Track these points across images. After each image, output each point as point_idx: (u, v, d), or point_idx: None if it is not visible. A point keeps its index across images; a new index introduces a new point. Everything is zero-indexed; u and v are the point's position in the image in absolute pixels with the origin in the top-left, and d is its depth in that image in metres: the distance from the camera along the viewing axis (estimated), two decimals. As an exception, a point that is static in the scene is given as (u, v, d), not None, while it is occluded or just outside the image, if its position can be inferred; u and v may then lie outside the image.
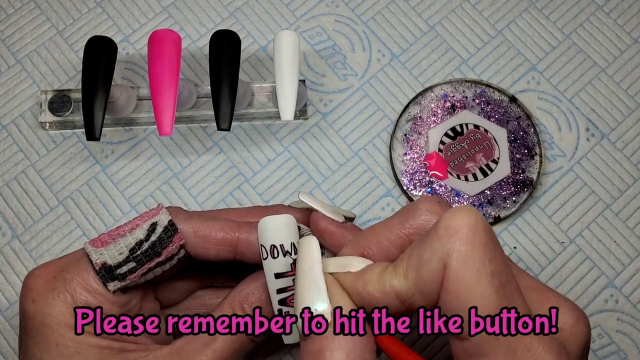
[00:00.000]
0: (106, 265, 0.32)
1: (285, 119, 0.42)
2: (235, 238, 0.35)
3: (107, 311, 0.33)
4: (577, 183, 0.47)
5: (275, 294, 0.34)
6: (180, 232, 0.34)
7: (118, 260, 0.33)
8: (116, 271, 0.33)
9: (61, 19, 0.51)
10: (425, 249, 0.27)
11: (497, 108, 0.48)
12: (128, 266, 0.33)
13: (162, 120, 0.41)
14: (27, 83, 0.49)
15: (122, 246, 0.33)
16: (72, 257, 0.34)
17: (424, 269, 0.26)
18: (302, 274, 0.30)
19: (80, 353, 0.32)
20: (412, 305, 0.28)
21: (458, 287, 0.25)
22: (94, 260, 0.33)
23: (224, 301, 0.36)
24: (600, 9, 0.51)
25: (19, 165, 0.47)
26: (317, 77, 0.49)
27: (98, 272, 0.32)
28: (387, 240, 0.30)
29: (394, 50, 0.50)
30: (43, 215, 0.46)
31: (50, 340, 0.32)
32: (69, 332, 0.32)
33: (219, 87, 0.42)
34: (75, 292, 0.32)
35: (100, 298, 0.33)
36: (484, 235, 0.26)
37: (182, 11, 0.51)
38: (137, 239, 0.33)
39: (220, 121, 0.42)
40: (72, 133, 0.48)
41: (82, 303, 0.32)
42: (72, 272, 0.33)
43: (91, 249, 0.33)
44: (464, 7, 0.51)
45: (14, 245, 0.46)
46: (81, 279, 0.33)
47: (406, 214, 0.31)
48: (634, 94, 0.49)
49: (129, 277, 0.33)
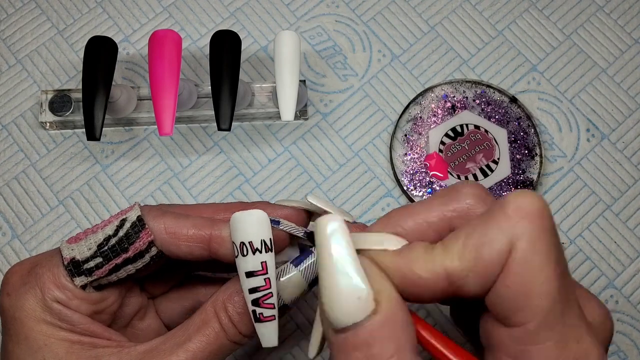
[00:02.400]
0: (74, 260, 0.32)
1: (285, 119, 0.42)
2: (208, 235, 0.33)
3: (76, 307, 0.33)
4: (578, 184, 0.47)
5: (248, 294, 0.32)
6: (149, 228, 0.33)
7: (86, 255, 0.33)
8: (83, 266, 0.32)
9: (62, 18, 0.51)
10: (490, 229, 0.25)
11: (497, 108, 0.48)
12: (95, 261, 0.33)
13: (163, 120, 0.41)
14: (27, 83, 0.49)
15: (91, 242, 0.33)
16: (48, 254, 0.34)
17: (486, 249, 0.25)
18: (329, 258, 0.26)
19: (48, 346, 0.32)
20: (461, 288, 0.26)
21: (524, 271, 0.24)
22: (64, 255, 0.33)
23: (206, 301, 0.34)
24: (601, 9, 0.51)
25: (19, 165, 0.47)
26: (318, 77, 0.49)
27: (66, 267, 0.32)
28: (425, 221, 0.28)
29: (394, 51, 0.50)
30: (43, 215, 0.46)
31: (20, 334, 0.32)
32: (38, 326, 0.32)
33: (219, 87, 0.42)
34: (44, 286, 0.32)
35: (68, 294, 0.33)
36: (551, 221, 0.25)
37: (182, 11, 0.51)
38: (105, 234, 0.33)
39: (220, 121, 0.42)
40: (73, 133, 0.48)
41: (51, 298, 0.32)
42: (44, 267, 0.33)
43: (65, 245, 0.33)
44: (464, 8, 0.51)
45: (14, 245, 0.46)
46: (51, 274, 0.33)
47: (448, 197, 0.29)
48: (634, 95, 0.49)
49: (95, 273, 0.33)
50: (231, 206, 0.37)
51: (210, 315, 0.33)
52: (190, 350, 0.32)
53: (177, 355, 0.32)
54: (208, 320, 0.33)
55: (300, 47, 0.43)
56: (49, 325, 0.32)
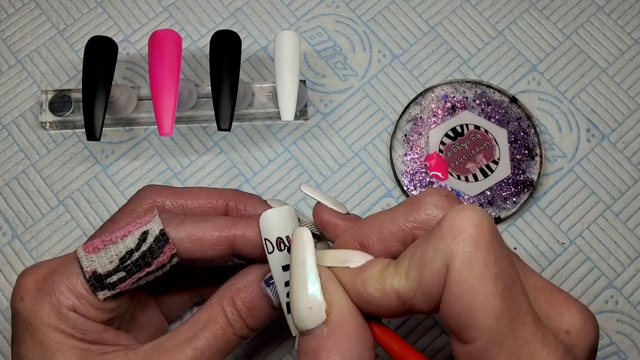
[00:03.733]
0: (96, 273, 0.32)
1: (285, 119, 0.42)
2: (232, 235, 0.34)
3: (94, 317, 0.33)
4: (578, 184, 0.47)
5: (284, 287, 0.33)
6: (172, 241, 0.33)
7: (108, 269, 0.32)
8: (106, 280, 0.32)
9: (62, 18, 0.51)
10: (428, 249, 0.26)
11: (497, 109, 0.48)
12: (118, 275, 0.32)
13: (163, 120, 0.41)
14: (27, 83, 0.49)
15: (112, 254, 0.33)
16: (64, 260, 0.34)
17: (426, 270, 0.25)
18: (296, 268, 0.28)
19: (61, 352, 0.32)
20: (413, 307, 0.27)
21: (461, 290, 0.25)
22: (85, 267, 0.32)
23: (212, 297, 0.35)
24: (601, 9, 0.51)
25: (19, 165, 0.47)
26: (318, 77, 0.49)
27: (88, 280, 0.32)
28: (389, 232, 0.29)
29: (394, 51, 0.50)
30: (43, 215, 0.46)
31: (35, 339, 0.32)
32: (52, 333, 0.32)
33: (219, 87, 0.42)
34: (62, 294, 0.32)
35: (86, 304, 0.33)
36: (488, 236, 0.25)
37: (182, 11, 0.51)
38: (127, 247, 0.33)
39: (220, 121, 0.42)
40: (73, 133, 0.48)
41: (68, 307, 0.32)
42: (62, 275, 0.33)
43: (83, 255, 0.33)
44: (464, 8, 0.51)
45: (14, 245, 0.46)
46: (69, 283, 0.32)
47: (411, 206, 0.29)
48: (634, 95, 0.49)
49: (118, 287, 0.33)
50: (224, 192, 0.38)
51: (216, 312, 0.34)
52: (197, 348, 0.33)
53: (185, 353, 0.32)
54: (215, 317, 0.34)
55: (300, 47, 0.43)
56: (62, 334, 0.32)
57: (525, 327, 0.25)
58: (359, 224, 0.31)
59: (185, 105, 0.46)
